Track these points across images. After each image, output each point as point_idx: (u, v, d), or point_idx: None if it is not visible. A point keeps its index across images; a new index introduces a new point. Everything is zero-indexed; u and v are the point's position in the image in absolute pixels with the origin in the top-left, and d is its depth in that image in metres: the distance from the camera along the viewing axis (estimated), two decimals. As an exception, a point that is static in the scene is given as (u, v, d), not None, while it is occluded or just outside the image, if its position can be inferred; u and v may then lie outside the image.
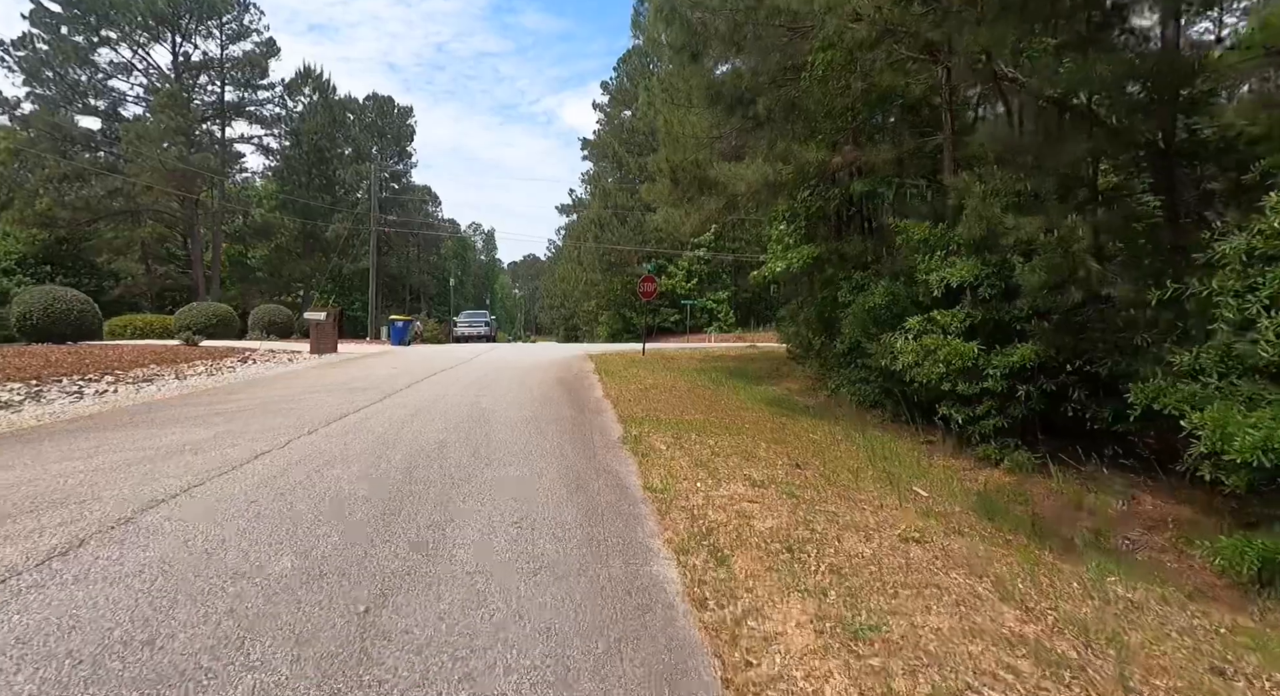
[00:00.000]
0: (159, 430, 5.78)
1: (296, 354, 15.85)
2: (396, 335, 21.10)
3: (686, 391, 10.12)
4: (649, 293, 17.64)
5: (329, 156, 38.48)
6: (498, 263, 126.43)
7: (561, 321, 65.60)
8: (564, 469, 4.80)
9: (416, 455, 5.02)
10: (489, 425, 6.41)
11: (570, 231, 56.04)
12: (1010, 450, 6.20)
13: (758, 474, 5.02)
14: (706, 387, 10.93)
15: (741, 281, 39.49)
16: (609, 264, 37.37)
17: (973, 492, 5.55)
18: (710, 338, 33.72)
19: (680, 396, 9.51)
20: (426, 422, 6.42)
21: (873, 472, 5.73)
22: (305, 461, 4.70)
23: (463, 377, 10.59)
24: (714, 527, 3.64)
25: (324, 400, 7.83)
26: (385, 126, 51.98)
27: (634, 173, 37.88)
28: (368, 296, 34.04)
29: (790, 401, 10.49)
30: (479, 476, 4.49)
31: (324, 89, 37.02)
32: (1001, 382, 5.96)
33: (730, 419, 7.84)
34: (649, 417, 7.29)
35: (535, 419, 6.84)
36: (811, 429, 7.94)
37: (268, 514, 3.51)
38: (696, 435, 6.48)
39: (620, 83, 44.14)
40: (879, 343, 7.53)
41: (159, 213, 31.06)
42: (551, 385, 9.99)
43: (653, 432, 6.44)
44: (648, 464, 5.08)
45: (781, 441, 6.71)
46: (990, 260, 5.94)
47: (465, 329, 31.11)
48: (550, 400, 8.33)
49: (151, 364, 12.56)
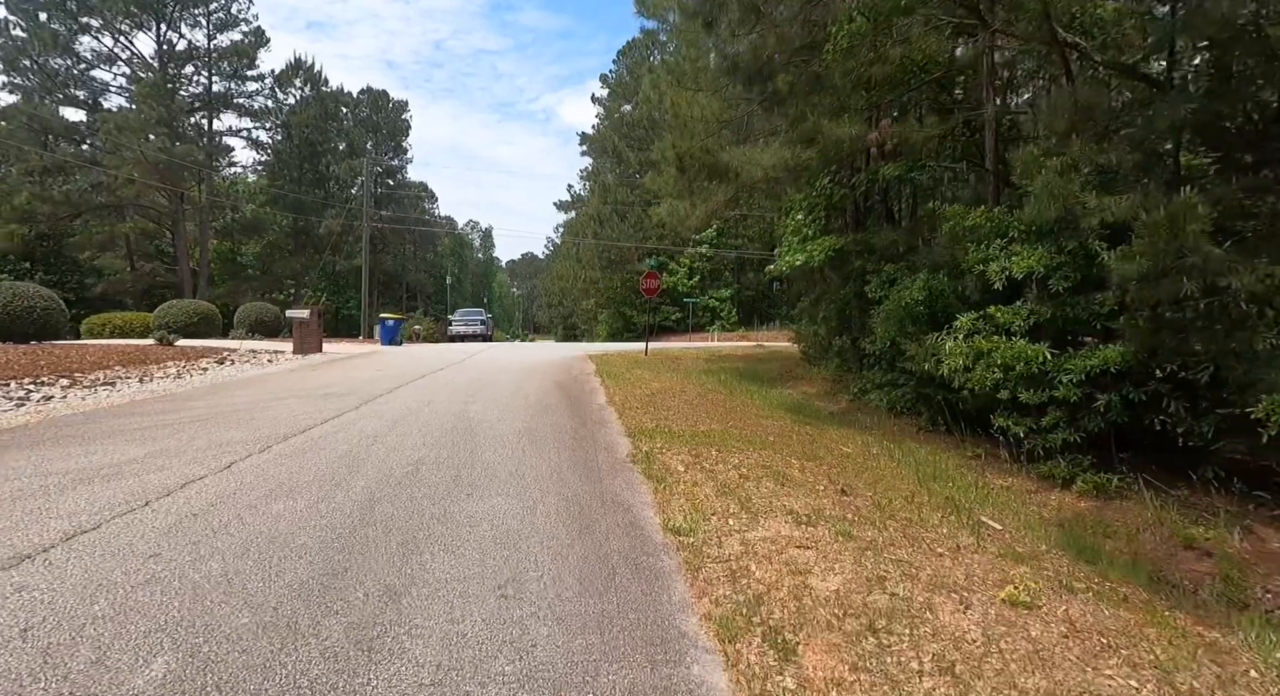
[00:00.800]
0: (84, 448, 4.87)
1: (278, 354, 14.92)
2: (387, 334, 20.17)
3: (697, 396, 9.23)
4: (652, 289, 16.74)
5: (321, 151, 37.46)
6: (495, 261, 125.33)
7: (560, 320, 64.69)
8: (564, 500, 3.90)
9: (384, 482, 4.11)
10: (476, 440, 5.51)
11: (569, 228, 55.08)
12: (1083, 469, 5.32)
13: (799, 504, 4.13)
14: (718, 392, 10.04)
15: (745, 279, 38.62)
16: (608, 261, 36.45)
17: (1050, 523, 4.67)
18: (713, 337, 32.84)
19: (691, 402, 8.62)
20: (403, 437, 5.51)
21: (929, 498, 4.84)
22: (243, 492, 3.79)
23: (452, 381, 9.69)
24: (763, 593, 2.74)
25: (292, 408, 6.92)
26: (380, 121, 50.95)
27: (634, 167, 36.96)
28: (361, 294, 33.07)
29: (811, 407, 9.60)
30: (458, 512, 3.59)
31: (315, 81, 35.99)
32: (1075, 391, 5.08)
33: (750, 429, 6.95)
34: (660, 429, 6.39)
35: (530, 431, 5.93)
36: (842, 440, 7.05)
37: (161, 578, 2.60)
38: (716, 451, 5.58)
39: (620, 76, 43.18)
40: (919, 344, 6.64)
41: (144, 207, 30.07)
42: (549, 390, 9.09)
43: (666, 448, 5.54)
44: (665, 492, 4.18)
45: (814, 458, 5.82)
46: (1065, 246, 5.07)
47: (460, 328, 30.17)
48: (548, 408, 7.43)
49: (117, 366, 11.63)
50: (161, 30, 29.48)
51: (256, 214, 34.78)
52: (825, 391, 11.15)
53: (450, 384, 9.29)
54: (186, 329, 18.86)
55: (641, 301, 37.82)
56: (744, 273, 38.62)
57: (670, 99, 11.32)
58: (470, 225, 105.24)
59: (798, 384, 12.36)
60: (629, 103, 39.22)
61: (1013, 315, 5.53)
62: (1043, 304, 5.35)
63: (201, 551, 2.89)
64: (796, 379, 12.90)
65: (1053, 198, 4.76)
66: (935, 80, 8.65)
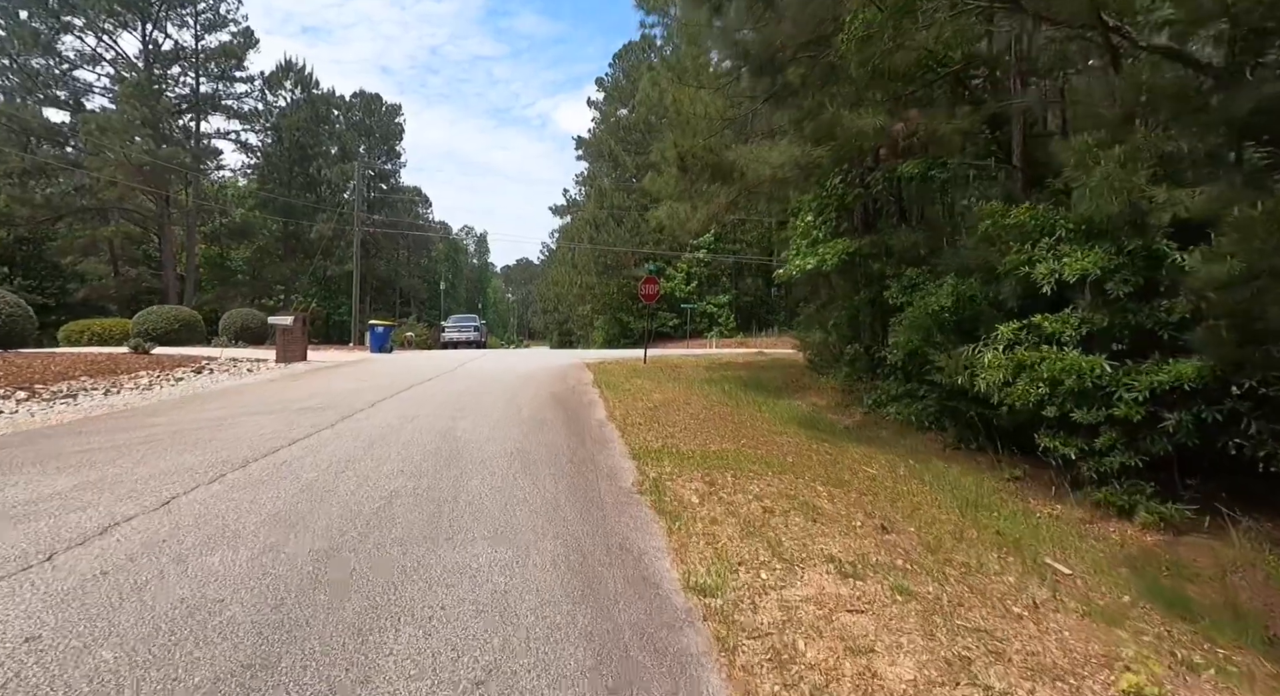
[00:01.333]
0: (2, 478, 4.21)
1: (260, 363, 14.23)
2: (376, 341, 19.49)
3: (702, 410, 8.62)
4: (651, 295, 16.15)
5: (312, 154, 36.80)
6: (490, 266, 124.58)
7: (555, 326, 64.07)
8: (563, 545, 3.27)
9: (349, 523, 3.48)
10: (462, 464, 4.88)
11: (564, 233, 54.53)
12: (1144, 497, 4.73)
13: (838, 546, 3.52)
14: (724, 404, 9.43)
15: (743, 284, 38.13)
16: (605, 266, 35.89)
17: (1118, 563, 4.08)
18: (711, 343, 32.28)
19: (697, 417, 8.01)
20: (379, 462, 4.87)
21: (978, 534, 4.24)
22: (176, 538, 3.15)
23: (441, 392, 9.05)
24: (821, 686, 2.12)
25: (261, 426, 6.27)
26: (373, 125, 50.38)
27: (631, 171, 36.49)
28: (352, 300, 32.35)
29: (824, 421, 9.00)
30: (433, 565, 2.96)
31: (306, 83, 35.34)
32: (1138, 409, 4.49)
33: (765, 448, 6.34)
34: (667, 449, 5.78)
35: (523, 453, 5.30)
36: (865, 460, 6.45)
37: (26, 684, 1.96)
38: (732, 476, 4.97)
39: (616, 80, 42.78)
40: (950, 355, 6.05)
41: (128, 211, 29.32)
42: (545, 402, 8.46)
43: (676, 473, 4.93)
44: (681, 533, 3.57)
45: (840, 483, 5.21)
46: (1126, 246, 4.51)
47: (453, 334, 29.48)
48: (543, 424, 6.80)
49: (83, 376, 10.93)
50: (147, 30, 28.83)
51: (246, 218, 34.05)
52: (836, 403, 10.55)
53: (438, 396, 8.65)
54: (167, 336, 18.13)
55: (639, 307, 37.25)
56: (742, 278, 38.14)
57: (672, 95, 10.75)
58: (465, 230, 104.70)
59: (806, 394, 11.77)
60: (625, 106, 38.79)
61: (1062, 323, 4.95)
62: (1098, 311, 4.78)
63: (96, 632, 2.25)
64: (804, 389, 12.30)
65: (1114, 191, 4.21)
66: (954, 73, 8.12)
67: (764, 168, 9.08)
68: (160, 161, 24.80)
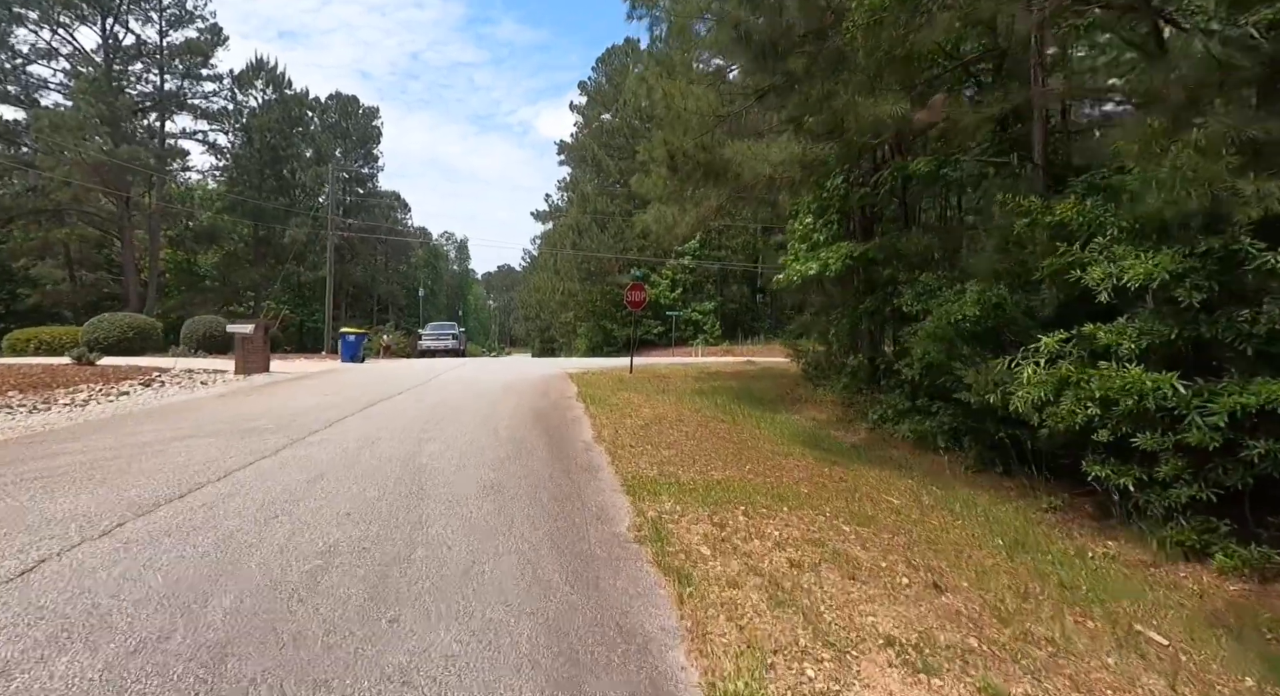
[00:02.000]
0: None
1: (218, 374, 13.22)
2: (347, 351, 18.49)
3: (698, 427, 7.91)
4: (637, 302, 15.44)
5: (284, 156, 35.55)
6: (471, 273, 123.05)
7: (537, 333, 63.08)
8: (544, 628, 2.51)
9: (263, 599, 2.67)
10: (423, 506, 4.08)
11: (546, 239, 53.70)
12: (1218, 536, 4.10)
13: (891, 620, 2.80)
14: (719, 420, 8.73)
15: (728, 291, 37.64)
16: (588, 272, 35.14)
17: (1212, 621, 3.43)
18: (697, 351, 31.64)
19: (693, 436, 7.29)
20: (323, 502, 4.06)
21: (1043, 589, 3.55)
22: (11, 635, 2.32)
23: (410, 409, 8.21)
24: None
25: (193, 453, 5.40)
26: (350, 127, 49.22)
27: (615, 176, 35.87)
28: (325, 307, 31.17)
29: (828, 439, 8.33)
30: (366, 672, 2.17)
31: (278, 83, 34.14)
32: (1215, 436, 3.86)
33: (772, 474, 5.63)
34: (665, 479, 5.03)
35: (498, 488, 4.52)
36: (882, 486, 5.76)
37: None
38: (745, 514, 4.25)
39: (599, 84, 42.22)
40: (979, 370, 5.40)
41: (87, 213, 27.88)
42: (525, 420, 7.67)
43: (679, 511, 4.19)
44: (695, 604, 2.82)
45: (865, 519, 4.51)
46: (1199, 246, 3.89)
47: (431, 342, 28.46)
48: (522, 447, 6.02)
49: (12, 391, 9.88)
50: (107, 24, 27.52)
51: (214, 221, 32.68)
52: (837, 417, 9.90)
53: (406, 413, 7.81)
54: (120, 345, 16.96)
55: (623, 314, 36.53)
56: (727, 285, 37.65)
57: (662, 90, 10.08)
58: (445, 236, 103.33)
59: (803, 407, 11.11)
60: (609, 111, 38.22)
61: (1118, 335, 4.32)
62: (1161, 321, 4.16)
63: None
64: (800, 401, 11.65)
65: (1188, 183, 3.60)
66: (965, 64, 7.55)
67: (762, 166, 8.43)
68: (119, 160, 23.49)
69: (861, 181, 8.62)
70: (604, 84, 41.32)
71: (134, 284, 28.14)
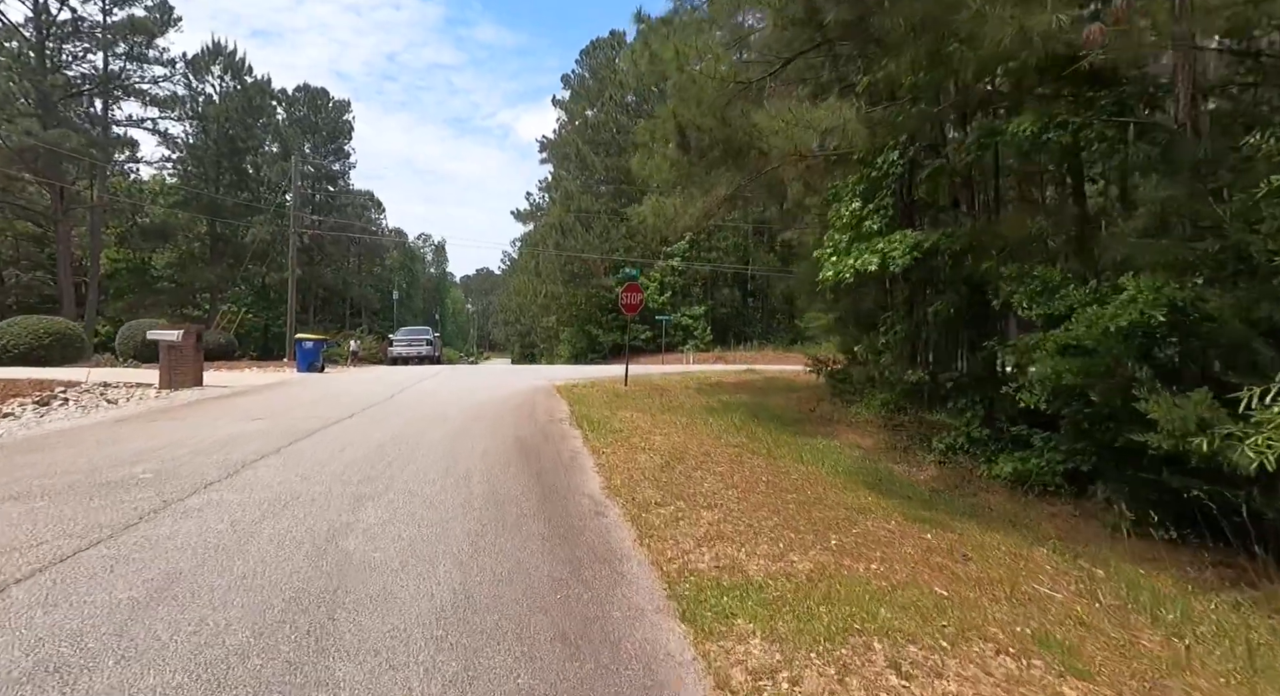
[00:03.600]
0: None
1: (139, 390, 11.11)
2: (304, 359, 16.38)
3: (732, 464, 6.14)
4: (633, 305, 13.64)
5: (244, 148, 33.03)
6: (449, 276, 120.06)
7: (517, 338, 60.92)
8: None
9: None
10: (326, 662, 2.23)
11: (527, 241, 51.66)
12: None
13: None
14: (751, 450, 6.98)
15: (718, 295, 36.03)
16: (572, 274, 33.24)
17: None
18: (688, 358, 29.94)
19: (729, 479, 5.52)
20: (139, 661, 2.18)
21: None
22: None
23: (356, 442, 6.31)
24: None
25: None
26: (319, 121, 46.73)
27: (600, 173, 34.10)
28: (288, 310, 28.80)
29: (892, 477, 6.62)
30: None
31: (237, 70, 31.63)
32: None
33: (872, 552, 3.88)
34: (727, 578, 3.25)
35: (462, 614, 2.69)
36: (1024, 570, 4.04)
37: None
38: (891, 666, 2.47)
39: (583, 79, 40.43)
40: (1173, 402, 3.71)
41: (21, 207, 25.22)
42: (507, 459, 5.82)
43: (779, 664, 2.40)
44: None
45: (1064, 650, 2.77)
46: None
47: (402, 349, 26.26)
48: (504, 512, 4.17)
49: None
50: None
51: (167, 217, 30.09)
52: (885, 444, 8.20)
53: (349, 450, 5.90)
54: (33, 354, 14.66)
55: (610, 319, 34.66)
56: (717, 288, 36.05)
57: (674, 48, 8.34)
58: (422, 238, 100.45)
59: (836, 428, 9.41)
60: (594, 106, 36.41)
61: None
62: None
63: None
64: (830, 421, 9.94)
65: None
66: None
67: (806, 135, 6.72)
68: (47, 144, 20.92)
69: (935, 151, 6.96)
70: (588, 79, 39.56)
71: (67, 284, 25.48)
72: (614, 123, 33.85)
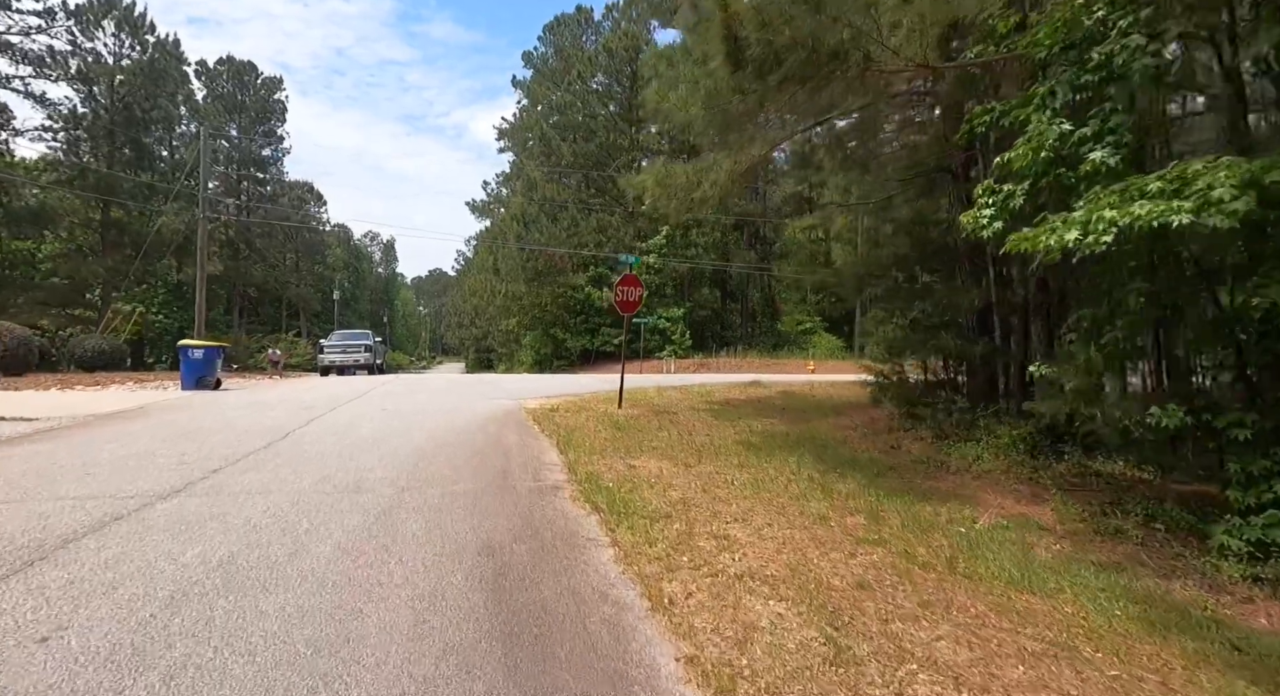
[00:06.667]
0: None
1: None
2: (190, 373, 12.43)
3: (909, 597, 2.96)
4: (632, 302, 10.42)
5: (144, 119, 28.12)
6: (400, 277, 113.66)
7: (472, 342, 56.73)
8: None
9: None
10: None
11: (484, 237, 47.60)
12: None
13: None
14: (903, 554, 3.87)
15: (697, 296, 33.03)
16: (535, 272, 29.65)
17: None
18: (668, 365, 26.81)
19: (954, 663, 2.29)
20: None
21: None
22: None
23: (188, 557, 2.87)
24: None
25: None
26: (246, 101, 41.59)
27: (567, 159, 30.62)
28: (196, 310, 24.23)
29: (1206, 622, 3.52)
30: None
31: (135, 26, 26.68)
32: None
33: None
34: None
35: None
36: None
37: None
38: None
39: (546, 58, 36.89)
40: None
41: None
42: (466, 636, 2.45)
43: None
44: None
45: None
46: None
47: (334, 356, 22.21)
48: None
49: None
50: None
51: (44, 200, 25.05)
52: (1082, 520, 5.13)
53: (154, 589, 2.44)
54: None
55: (577, 322, 31.16)
56: (696, 288, 33.05)
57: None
58: (369, 236, 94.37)
59: (961, 484, 6.37)
60: (559, 87, 32.90)
61: None
62: None
63: None
64: (939, 469, 6.90)
65: None
66: None
67: None
68: None
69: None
70: (552, 58, 36.06)
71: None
72: (582, 104, 30.48)
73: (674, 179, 10.07)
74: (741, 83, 6.43)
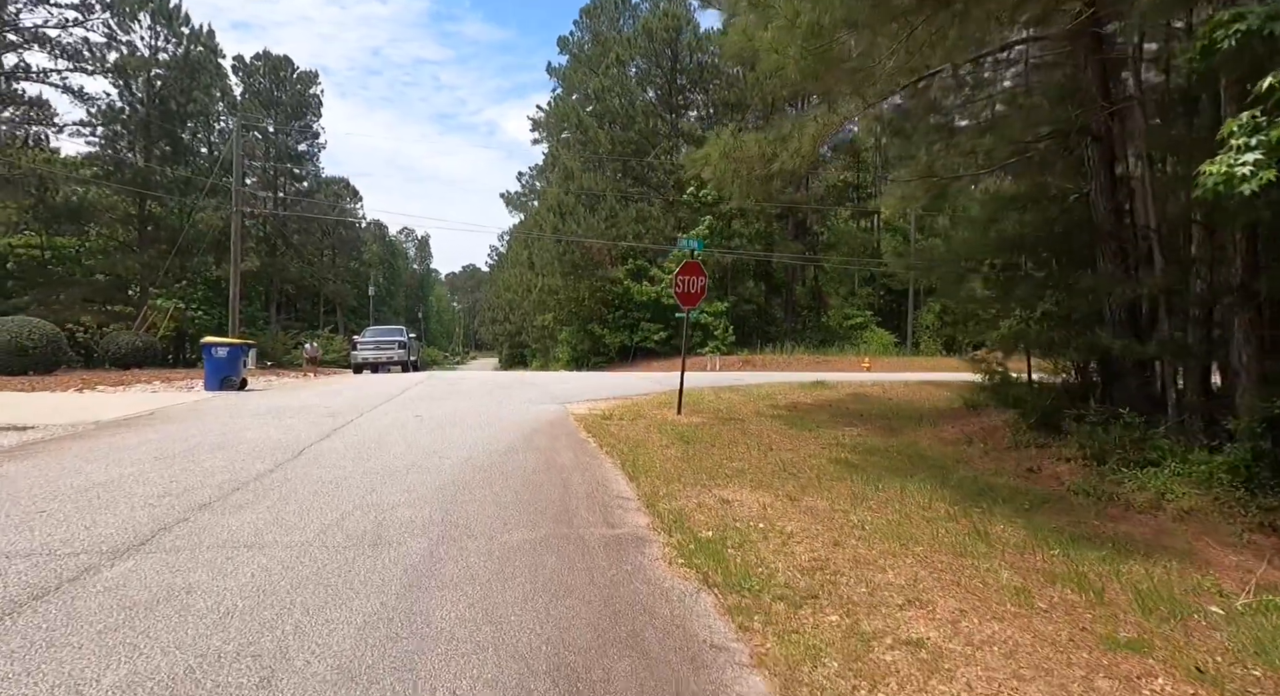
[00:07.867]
0: None
1: None
2: (215, 372, 11.58)
3: None
4: (694, 294, 9.10)
5: (180, 112, 27.86)
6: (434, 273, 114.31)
7: (506, 338, 56.10)
8: None
9: None
10: None
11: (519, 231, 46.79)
12: None
13: None
14: (1114, 638, 2.41)
15: (741, 289, 31.46)
16: (572, 265, 28.49)
17: None
18: (713, 363, 25.35)
19: None
20: None
21: None
22: None
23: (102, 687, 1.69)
24: None
25: None
26: (282, 96, 41.47)
27: (605, 148, 29.34)
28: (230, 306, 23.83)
29: None
30: None
31: (171, 18, 26.37)
32: None
33: None
34: None
35: None
36: None
37: None
38: None
39: (582, 43, 35.65)
40: None
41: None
42: None
43: None
44: None
45: None
46: None
47: (368, 353, 21.44)
48: None
49: None
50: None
51: (84, 194, 24.95)
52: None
53: None
54: None
55: (616, 317, 29.92)
56: (740, 281, 31.47)
57: None
58: (404, 232, 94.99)
59: (1162, 530, 4.88)
60: (596, 72, 31.60)
61: None
62: None
63: None
64: (1103, 501, 5.42)
65: None
66: None
67: None
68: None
69: None
70: (588, 44, 34.79)
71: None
72: (620, 89, 29.14)
73: (744, 150, 8.71)
74: (855, 12, 5.02)
